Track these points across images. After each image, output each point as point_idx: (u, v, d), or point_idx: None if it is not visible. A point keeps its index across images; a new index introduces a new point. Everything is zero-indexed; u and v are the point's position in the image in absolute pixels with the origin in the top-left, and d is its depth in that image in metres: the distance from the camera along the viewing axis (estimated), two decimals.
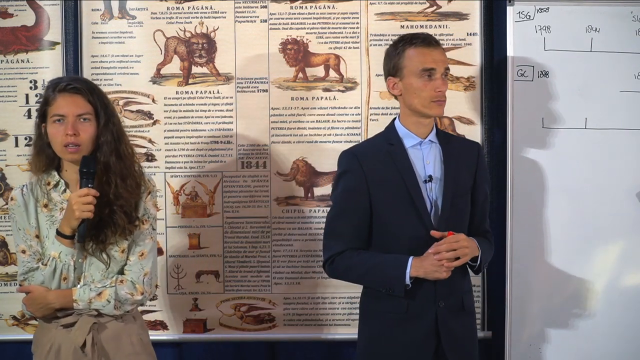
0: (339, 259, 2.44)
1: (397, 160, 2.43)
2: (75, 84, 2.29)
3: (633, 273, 3.00)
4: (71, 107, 2.26)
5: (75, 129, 2.25)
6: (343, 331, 3.11)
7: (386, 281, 2.37)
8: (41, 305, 2.28)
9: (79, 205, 2.20)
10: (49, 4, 3.05)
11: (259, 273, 3.10)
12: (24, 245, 2.32)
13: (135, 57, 3.06)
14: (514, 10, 2.99)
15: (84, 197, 2.20)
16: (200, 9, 3.07)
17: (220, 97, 3.08)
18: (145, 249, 2.38)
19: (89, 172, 2.24)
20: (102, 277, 2.33)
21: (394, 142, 2.47)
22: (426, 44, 2.43)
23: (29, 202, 2.32)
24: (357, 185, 2.44)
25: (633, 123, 2.99)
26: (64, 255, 2.27)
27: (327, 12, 3.07)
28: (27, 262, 2.32)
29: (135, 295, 2.35)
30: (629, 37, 2.97)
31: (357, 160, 2.46)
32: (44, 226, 2.32)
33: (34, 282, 2.29)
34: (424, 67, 2.40)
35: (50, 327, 2.32)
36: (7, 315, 3.10)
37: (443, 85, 2.41)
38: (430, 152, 2.47)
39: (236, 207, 3.09)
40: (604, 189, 2.98)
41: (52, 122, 2.26)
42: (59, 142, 2.25)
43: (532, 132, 2.99)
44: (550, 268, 3.01)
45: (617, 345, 2.99)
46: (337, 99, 3.08)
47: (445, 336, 2.38)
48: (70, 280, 2.30)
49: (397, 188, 2.40)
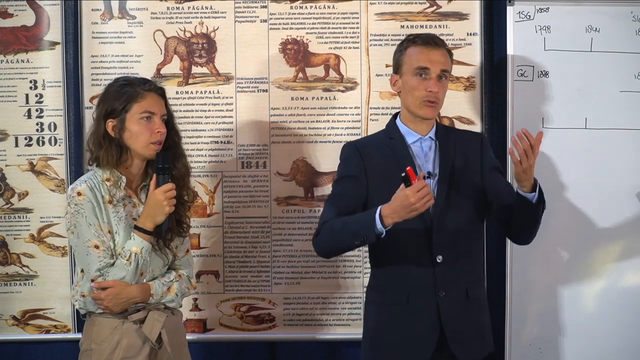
0: (323, 227, 2.41)
1: (398, 154, 2.44)
2: (159, 86, 2.42)
3: (633, 273, 3.00)
4: (160, 106, 2.37)
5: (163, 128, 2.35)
6: (343, 331, 3.11)
7: (359, 230, 2.29)
8: (124, 300, 2.32)
9: (168, 201, 2.28)
10: (49, 4, 3.05)
11: (259, 273, 3.10)
12: (97, 240, 2.32)
13: (135, 57, 3.06)
14: (514, 10, 2.99)
15: (169, 191, 2.29)
16: (200, 9, 3.07)
17: (220, 97, 3.08)
18: (188, 245, 2.53)
19: (165, 168, 2.31)
20: (160, 271, 2.42)
21: (394, 136, 2.49)
22: (426, 43, 2.43)
23: (98, 197, 2.34)
24: (355, 173, 2.45)
25: (633, 123, 2.98)
26: (144, 251, 2.32)
27: (327, 12, 3.07)
28: (102, 258, 2.32)
29: (190, 289, 2.49)
30: (629, 37, 2.97)
31: (357, 151, 2.48)
32: (112, 222, 2.36)
33: (112, 278, 2.31)
34: (418, 66, 2.41)
35: (114, 323, 2.35)
36: (7, 315, 3.10)
37: (435, 86, 2.40)
38: (431, 149, 2.48)
39: (236, 207, 3.09)
40: (604, 189, 2.98)
41: (138, 118, 2.33)
42: (146, 138, 2.33)
43: (532, 132, 2.96)
44: (550, 268, 3.00)
45: (617, 345, 2.99)
46: (337, 99, 3.08)
47: (448, 327, 2.38)
48: (145, 275, 2.36)
49: (395, 180, 2.38)
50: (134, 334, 2.35)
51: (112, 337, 2.35)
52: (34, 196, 3.07)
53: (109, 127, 2.35)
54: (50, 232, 3.07)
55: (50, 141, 3.07)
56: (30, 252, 3.08)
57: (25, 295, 3.09)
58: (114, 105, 2.34)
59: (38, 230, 3.07)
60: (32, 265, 3.08)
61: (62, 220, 3.05)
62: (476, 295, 2.48)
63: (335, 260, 3.07)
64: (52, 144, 3.07)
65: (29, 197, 3.07)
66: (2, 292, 3.10)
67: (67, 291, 3.06)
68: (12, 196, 3.07)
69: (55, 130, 3.07)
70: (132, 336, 2.35)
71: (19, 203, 3.07)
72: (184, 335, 2.56)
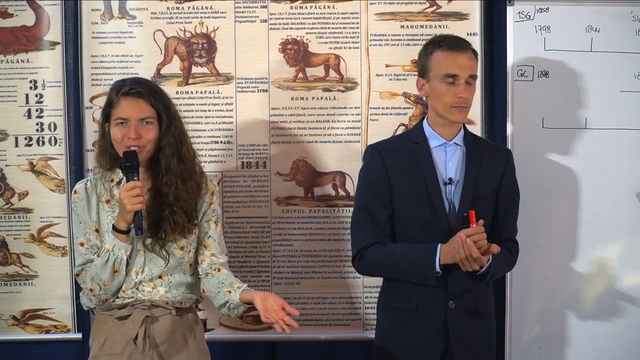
0: (367, 253, 2.43)
1: (420, 159, 2.43)
2: (139, 88, 2.35)
3: (633, 273, 3.00)
4: (134, 111, 2.33)
5: (137, 133, 2.32)
6: (343, 331, 3.11)
7: (416, 270, 2.35)
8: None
9: (128, 199, 2.26)
10: (49, 4, 3.05)
11: (259, 273, 3.10)
12: (83, 238, 2.39)
13: (135, 57, 3.06)
14: (514, 10, 2.99)
15: (131, 190, 2.27)
16: (200, 9, 3.07)
17: (220, 97, 3.08)
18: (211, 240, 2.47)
19: (132, 166, 2.30)
20: (161, 272, 2.40)
21: (418, 140, 2.46)
22: (453, 47, 2.40)
23: (92, 196, 2.39)
24: (379, 178, 2.44)
25: (633, 123, 2.99)
26: (117, 249, 2.32)
27: (327, 12, 3.06)
28: (84, 254, 2.37)
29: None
30: (629, 37, 2.97)
31: (380, 155, 2.47)
32: (104, 221, 2.38)
33: (89, 273, 2.34)
34: (446, 73, 2.38)
35: (106, 319, 2.38)
36: (7, 315, 3.10)
37: (465, 91, 2.39)
38: (454, 155, 2.46)
39: (236, 207, 3.09)
40: (604, 189, 2.98)
41: (115, 124, 2.33)
42: (121, 143, 2.32)
43: (532, 132, 2.99)
44: (550, 268, 3.01)
45: (617, 345, 2.99)
46: (337, 99, 3.08)
47: (455, 338, 2.38)
48: (121, 273, 2.35)
49: (417, 187, 2.40)
50: (119, 331, 2.35)
51: (101, 334, 2.38)
52: (34, 196, 3.07)
53: (106, 130, 2.38)
54: (50, 232, 3.07)
55: (50, 141, 3.07)
56: (30, 252, 3.08)
57: (25, 295, 3.09)
58: (104, 110, 2.38)
59: (38, 230, 3.07)
60: (32, 265, 3.08)
61: (62, 220, 3.06)
62: (485, 308, 2.48)
63: (335, 260, 3.08)
64: (52, 144, 3.07)
65: (29, 197, 3.07)
66: (2, 292, 3.09)
67: (67, 291, 3.06)
68: (12, 196, 3.07)
69: (55, 130, 3.07)
70: (117, 333, 2.35)
71: (19, 203, 3.07)
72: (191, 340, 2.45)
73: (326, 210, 3.08)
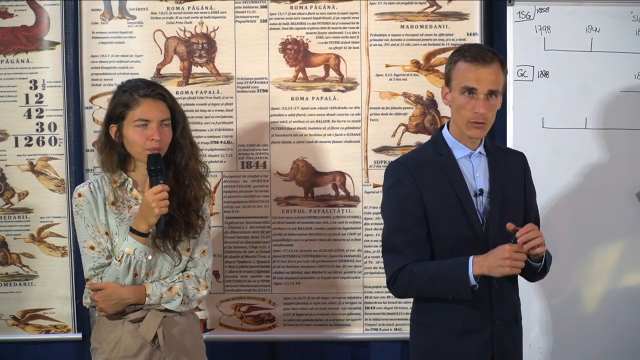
0: (400, 276, 2.33)
1: (449, 171, 2.34)
2: (159, 90, 2.37)
3: (633, 273, 3.00)
4: (156, 112, 2.34)
5: (160, 134, 2.32)
6: (343, 331, 3.11)
7: (452, 287, 2.26)
8: (116, 301, 2.33)
9: (157, 203, 2.27)
10: (49, 4, 3.05)
11: (259, 273, 3.10)
12: (93, 241, 2.36)
13: (135, 57, 3.06)
14: (514, 10, 2.99)
15: (159, 193, 2.28)
16: (200, 9, 3.07)
17: (220, 97, 3.08)
18: (206, 246, 2.48)
19: (157, 170, 2.30)
20: (169, 273, 2.40)
21: (443, 152, 2.36)
22: (475, 59, 2.29)
23: (98, 199, 2.38)
24: (411, 195, 2.32)
25: (633, 123, 2.99)
26: (138, 252, 2.32)
27: (327, 12, 3.07)
28: (97, 259, 2.36)
29: (200, 290, 2.45)
30: (629, 37, 2.97)
31: (408, 171, 2.34)
32: (112, 223, 2.37)
33: (107, 279, 2.34)
34: (465, 85, 2.29)
35: (116, 323, 2.37)
36: (7, 315, 3.10)
37: (482, 107, 2.27)
38: (480, 165, 2.38)
39: (236, 207, 3.09)
40: (604, 189, 2.98)
41: (134, 125, 2.32)
42: (141, 146, 2.32)
43: (532, 132, 2.99)
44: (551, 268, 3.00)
45: (617, 345, 2.99)
46: (337, 99, 3.08)
47: (499, 351, 2.33)
48: (140, 276, 2.36)
49: (449, 200, 2.31)
50: (133, 334, 2.35)
51: (112, 337, 2.36)
52: (34, 196, 3.07)
53: (112, 132, 2.37)
54: (50, 232, 3.07)
55: (50, 141, 3.07)
56: (30, 252, 3.08)
57: (25, 295, 3.09)
58: (115, 111, 2.36)
59: (38, 230, 3.07)
60: (32, 265, 3.08)
61: (62, 220, 3.06)
62: (520, 318, 2.45)
63: (335, 260, 3.08)
64: (52, 144, 3.07)
65: (29, 197, 3.07)
66: (2, 292, 3.09)
67: (67, 291, 3.06)
68: (12, 196, 3.07)
69: (55, 130, 3.07)
70: (131, 336, 2.35)
71: (19, 203, 3.07)
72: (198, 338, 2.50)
73: (326, 210, 3.08)
